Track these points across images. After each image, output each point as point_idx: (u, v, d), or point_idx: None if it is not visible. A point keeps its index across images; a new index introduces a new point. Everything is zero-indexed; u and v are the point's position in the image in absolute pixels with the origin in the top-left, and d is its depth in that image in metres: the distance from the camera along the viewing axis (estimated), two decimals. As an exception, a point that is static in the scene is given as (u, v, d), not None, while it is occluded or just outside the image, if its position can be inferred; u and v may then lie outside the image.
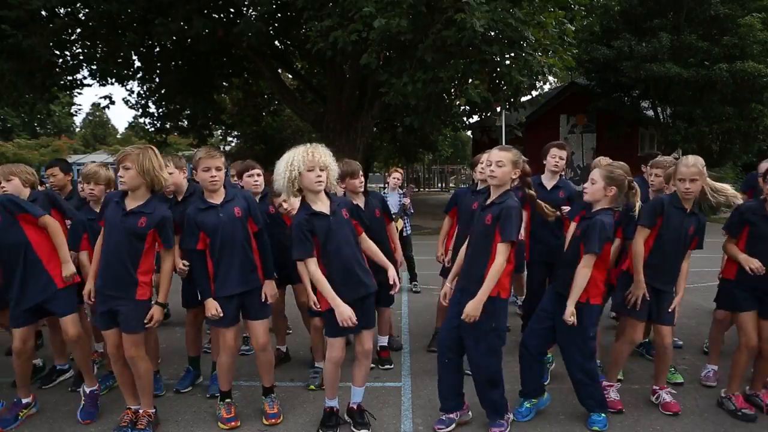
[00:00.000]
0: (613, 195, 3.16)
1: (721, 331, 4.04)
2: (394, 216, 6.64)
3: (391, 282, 3.24)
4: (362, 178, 4.16)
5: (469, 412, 3.35)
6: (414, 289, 6.94)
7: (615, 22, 17.01)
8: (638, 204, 3.30)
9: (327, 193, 3.12)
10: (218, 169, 3.26)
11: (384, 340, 4.47)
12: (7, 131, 44.79)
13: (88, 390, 3.51)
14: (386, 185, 7.17)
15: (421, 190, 35.39)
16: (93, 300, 3.26)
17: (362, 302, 3.13)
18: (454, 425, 3.26)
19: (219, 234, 3.20)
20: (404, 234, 6.78)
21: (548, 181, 4.42)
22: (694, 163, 3.28)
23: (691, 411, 3.50)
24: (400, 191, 6.90)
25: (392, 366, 4.33)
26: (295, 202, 3.25)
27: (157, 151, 3.16)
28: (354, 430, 3.25)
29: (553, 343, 3.41)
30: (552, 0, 12.62)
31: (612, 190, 3.15)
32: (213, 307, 3.20)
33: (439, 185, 38.23)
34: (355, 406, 3.34)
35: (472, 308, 2.95)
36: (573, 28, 13.73)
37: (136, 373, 3.17)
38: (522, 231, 4.90)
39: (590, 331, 3.21)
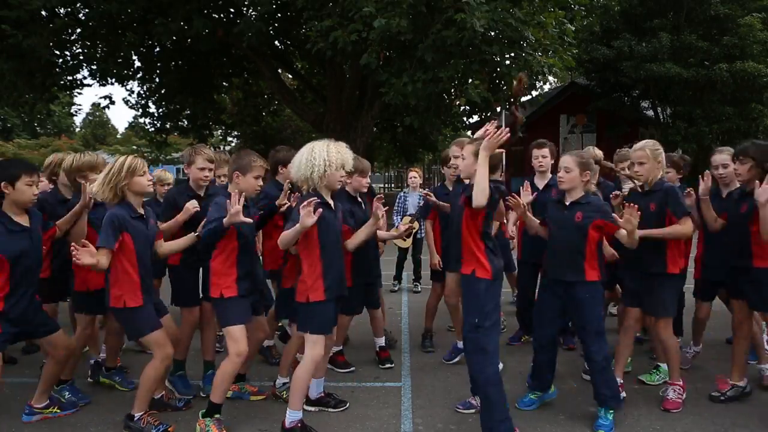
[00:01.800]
0: (588, 179, 3.25)
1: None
2: (411, 217, 6.54)
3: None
4: (368, 179, 4.17)
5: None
6: (414, 290, 6.94)
7: (615, 22, 17.00)
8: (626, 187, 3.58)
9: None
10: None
11: (381, 341, 4.46)
12: (7, 131, 44.80)
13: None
14: (406, 185, 7.20)
15: (421, 190, 35.40)
16: None
17: (339, 301, 3.23)
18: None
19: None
20: (418, 236, 6.70)
21: (539, 181, 4.55)
22: (641, 146, 3.48)
23: (691, 411, 3.50)
24: (421, 191, 6.80)
25: (393, 365, 4.33)
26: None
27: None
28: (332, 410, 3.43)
29: (563, 331, 3.48)
30: (552, 0, 12.63)
31: (587, 174, 3.24)
32: None
33: (439, 185, 38.22)
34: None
35: None
36: (573, 28, 13.73)
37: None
38: (513, 229, 4.94)
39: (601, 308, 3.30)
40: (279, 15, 14.92)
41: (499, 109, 15.36)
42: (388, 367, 4.30)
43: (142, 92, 20.16)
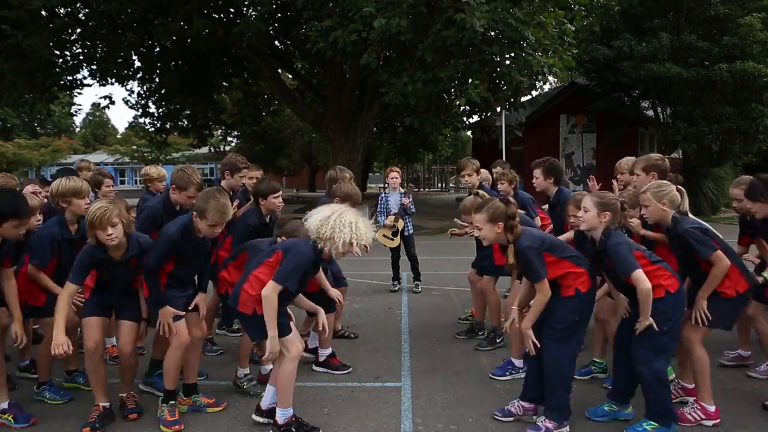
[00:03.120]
0: (608, 220, 3.13)
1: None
2: (394, 216, 6.69)
3: (320, 328, 3.55)
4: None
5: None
6: (415, 290, 6.94)
7: (615, 22, 17.00)
8: (637, 223, 3.51)
9: None
10: None
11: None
12: (7, 131, 44.82)
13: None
14: (386, 185, 7.19)
15: (422, 190, 35.39)
16: None
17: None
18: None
19: None
20: (405, 233, 6.80)
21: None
22: (643, 190, 3.41)
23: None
24: (401, 191, 6.91)
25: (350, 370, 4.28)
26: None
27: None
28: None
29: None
30: (552, 0, 12.63)
31: (606, 215, 3.12)
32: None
33: (439, 185, 38.23)
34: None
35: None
36: (573, 28, 13.74)
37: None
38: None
39: (662, 324, 3.06)
40: (279, 15, 14.93)
41: (499, 109, 15.37)
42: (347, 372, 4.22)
43: (142, 92, 20.16)
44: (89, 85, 34.99)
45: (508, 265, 3.25)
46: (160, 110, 20.34)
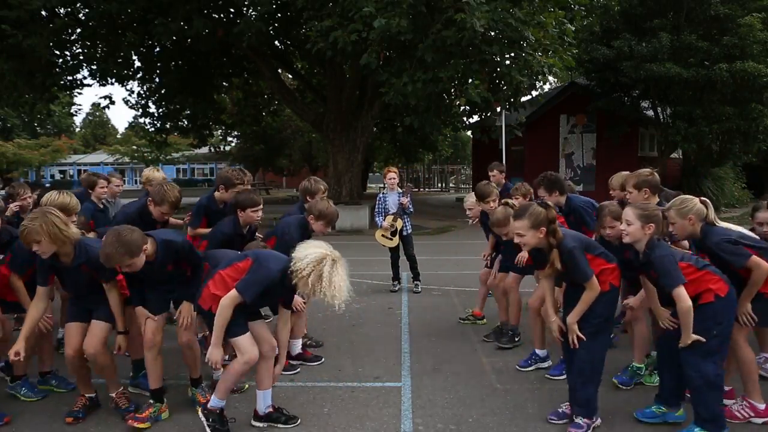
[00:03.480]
0: (652, 232, 3.10)
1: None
2: (393, 215, 6.70)
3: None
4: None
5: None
6: (415, 290, 6.94)
7: (615, 22, 17.00)
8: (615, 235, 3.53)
9: None
10: None
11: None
12: (7, 131, 44.83)
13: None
14: (384, 185, 7.19)
15: (421, 190, 35.39)
16: None
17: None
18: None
19: None
20: (404, 233, 6.80)
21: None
22: (667, 208, 3.34)
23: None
24: (399, 191, 6.92)
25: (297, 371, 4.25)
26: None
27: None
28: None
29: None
30: (552, 0, 12.64)
31: (650, 227, 3.09)
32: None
33: (439, 185, 38.22)
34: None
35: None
36: (573, 28, 13.75)
37: None
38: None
39: (713, 328, 3.04)
40: (279, 15, 14.94)
41: (499, 109, 15.38)
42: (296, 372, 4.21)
43: (142, 92, 20.18)
44: (89, 85, 35.02)
45: (552, 270, 3.21)
46: (160, 110, 20.36)
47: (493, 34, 11.14)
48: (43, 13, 13.64)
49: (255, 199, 4.25)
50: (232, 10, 14.95)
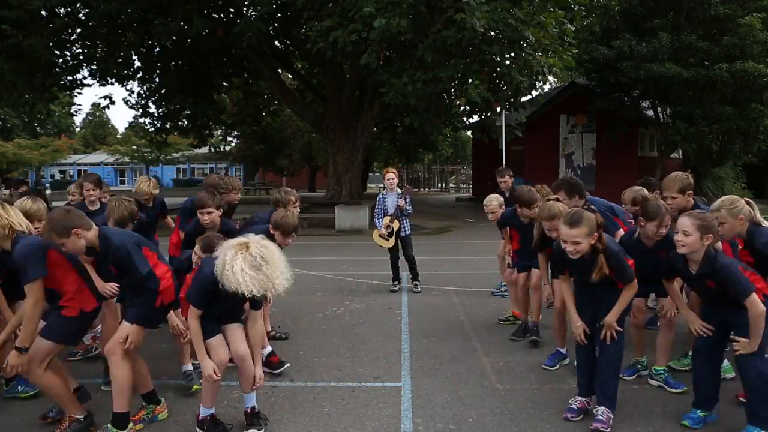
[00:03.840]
0: (710, 242, 3.08)
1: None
2: (390, 216, 6.69)
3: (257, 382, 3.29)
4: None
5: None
6: (414, 290, 6.94)
7: (615, 22, 17.01)
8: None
9: None
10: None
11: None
12: (7, 131, 44.80)
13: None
14: (384, 186, 7.18)
15: (421, 190, 35.39)
16: None
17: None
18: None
19: None
20: (402, 234, 6.79)
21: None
22: (716, 207, 3.38)
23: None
24: (399, 191, 6.91)
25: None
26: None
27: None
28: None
29: (725, 346, 3.33)
30: (552, 0, 12.64)
31: (709, 238, 3.07)
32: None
33: (439, 185, 38.23)
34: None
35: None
36: (573, 28, 13.76)
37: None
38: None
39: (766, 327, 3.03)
40: (279, 15, 14.96)
41: (499, 109, 15.39)
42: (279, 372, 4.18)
43: (142, 92, 20.19)
44: (89, 85, 35.02)
45: (600, 275, 3.21)
46: (160, 110, 20.37)
47: (493, 34, 11.14)
48: (43, 13, 13.65)
49: (203, 199, 4.20)
50: (232, 10, 14.96)
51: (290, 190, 4.88)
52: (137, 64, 17.61)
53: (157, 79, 18.91)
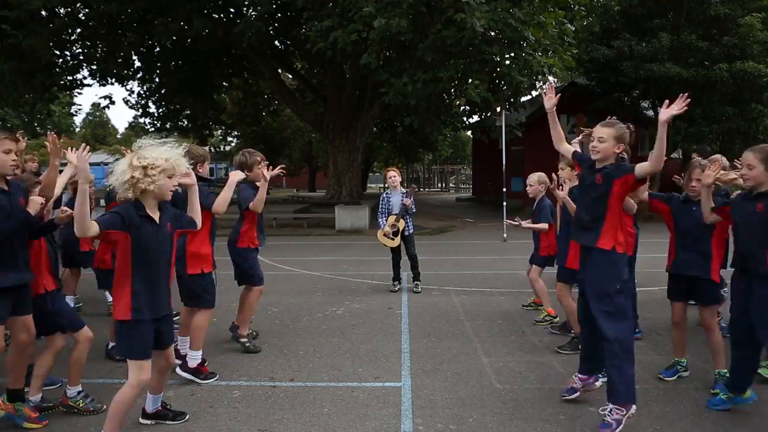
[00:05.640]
0: None
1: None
2: (395, 216, 6.70)
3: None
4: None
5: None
6: (415, 290, 6.94)
7: (615, 22, 17.01)
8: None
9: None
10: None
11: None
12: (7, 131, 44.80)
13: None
14: (386, 186, 7.18)
15: (422, 190, 35.42)
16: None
17: (165, 320, 3.03)
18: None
19: None
20: (406, 233, 6.80)
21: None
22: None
23: (691, 411, 3.50)
24: (403, 190, 6.91)
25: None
26: None
27: None
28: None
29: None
30: (552, 0, 12.65)
31: None
32: None
33: (439, 185, 38.24)
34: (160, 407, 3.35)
35: None
36: (573, 28, 13.77)
37: None
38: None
39: None
40: (279, 15, 14.97)
41: (498, 109, 15.40)
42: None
43: (142, 92, 20.21)
44: (89, 85, 35.01)
45: None
46: (160, 110, 20.38)
47: (493, 34, 11.15)
48: (43, 13, 13.65)
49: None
50: (232, 10, 14.97)
51: (253, 150, 4.76)
52: (137, 64, 17.62)
53: (157, 79, 18.92)
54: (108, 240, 2.87)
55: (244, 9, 14.33)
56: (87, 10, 14.36)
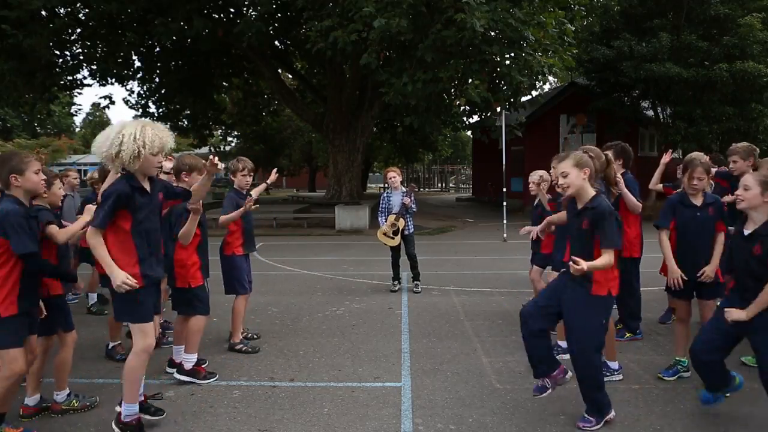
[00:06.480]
0: None
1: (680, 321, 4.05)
2: (395, 215, 6.70)
3: None
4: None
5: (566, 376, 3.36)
6: (415, 290, 6.94)
7: (615, 22, 17.01)
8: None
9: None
10: None
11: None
12: (7, 131, 44.79)
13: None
14: (386, 186, 7.18)
15: (422, 190, 35.41)
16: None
17: (157, 287, 3.22)
18: None
19: None
20: (406, 233, 6.80)
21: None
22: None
23: (691, 411, 3.50)
24: (404, 190, 6.92)
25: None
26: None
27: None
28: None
29: (731, 347, 3.24)
30: (552, 0, 12.65)
31: None
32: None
33: (439, 185, 38.25)
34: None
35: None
36: (573, 28, 13.77)
37: None
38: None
39: None
40: (279, 15, 14.97)
41: (498, 109, 15.41)
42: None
43: (142, 92, 20.21)
44: (89, 85, 35.03)
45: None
46: (160, 110, 20.38)
47: (493, 34, 11.15)
48: (43, 13, 13.65)
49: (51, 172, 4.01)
50: (232, 10, 14.97)
51: (244, 158, 4.79)
52: (137, 64, 17.63)
53: (157, 79, 18.92)
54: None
55: (244, 9, 14.33)
56: (87, 10, 14.36)
